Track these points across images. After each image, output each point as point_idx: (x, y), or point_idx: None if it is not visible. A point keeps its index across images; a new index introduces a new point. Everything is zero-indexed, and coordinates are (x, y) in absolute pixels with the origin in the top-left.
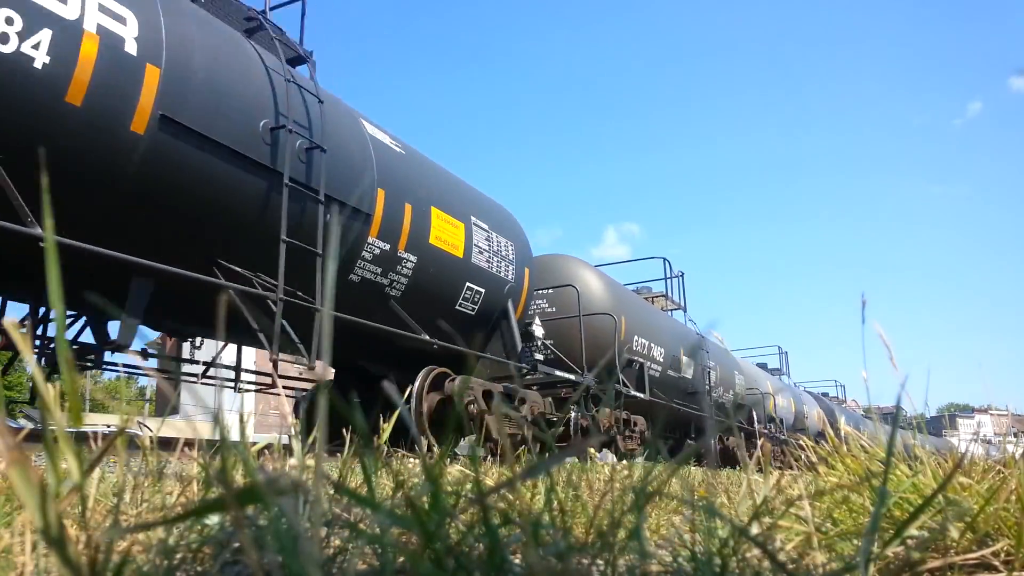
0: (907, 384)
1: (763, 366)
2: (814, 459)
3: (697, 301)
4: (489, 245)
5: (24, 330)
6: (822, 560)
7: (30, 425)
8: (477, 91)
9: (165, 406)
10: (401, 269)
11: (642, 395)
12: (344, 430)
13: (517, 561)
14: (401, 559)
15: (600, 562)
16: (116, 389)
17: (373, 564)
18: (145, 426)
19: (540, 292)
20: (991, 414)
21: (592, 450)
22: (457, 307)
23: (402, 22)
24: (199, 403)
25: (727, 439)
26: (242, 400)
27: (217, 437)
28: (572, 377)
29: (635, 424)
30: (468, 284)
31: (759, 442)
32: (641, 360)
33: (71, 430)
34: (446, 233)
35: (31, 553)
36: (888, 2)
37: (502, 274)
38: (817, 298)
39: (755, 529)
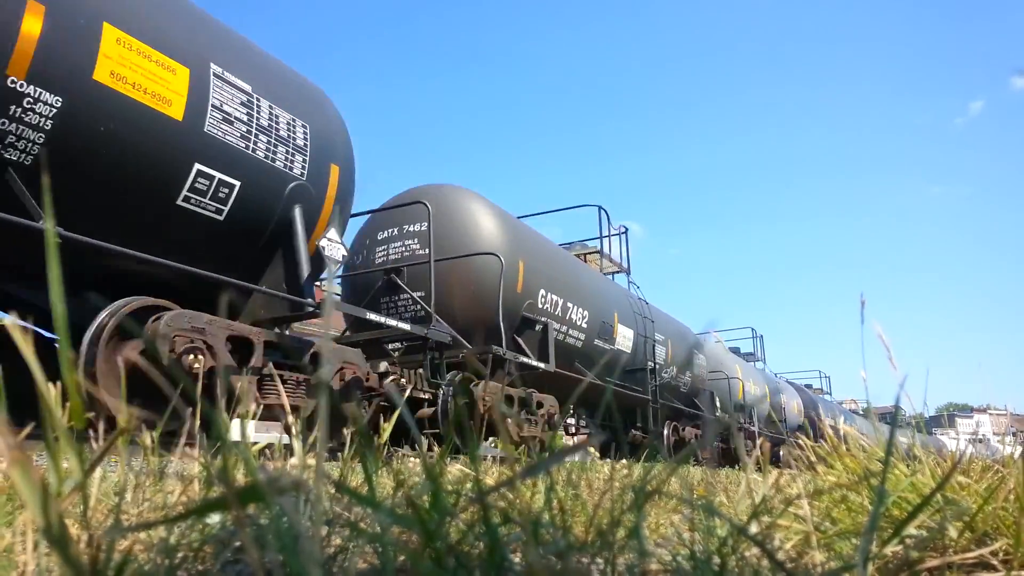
0: (906, 383)
1: (735, 350)
2: (812, 458)
3: (694, 298)
4: (252, 117)
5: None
6: (821, 559)
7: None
8: (482, 91)
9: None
10: (23, 115)
11: (544, 365)
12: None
13: (517, 560)
14: (402, 558)
15: (600, 561)
16: None
17: (374, 563)
18: (147, 425)
19: (408, 228)
20: (990, 414)
21: (593, 449)
22: (182, 203)
23: (406, 25)
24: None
25: (682, 429)
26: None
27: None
28: (403, 326)
29: (539, 404)
30: (200, 167)
31: (759, 440)
32: (547, 321)
33: (72, 429)
34: (141, 73)
35: (33, 552)
36: (889, 2)
37: (279, 164)
38: (818, 297)
39: (754, 528)
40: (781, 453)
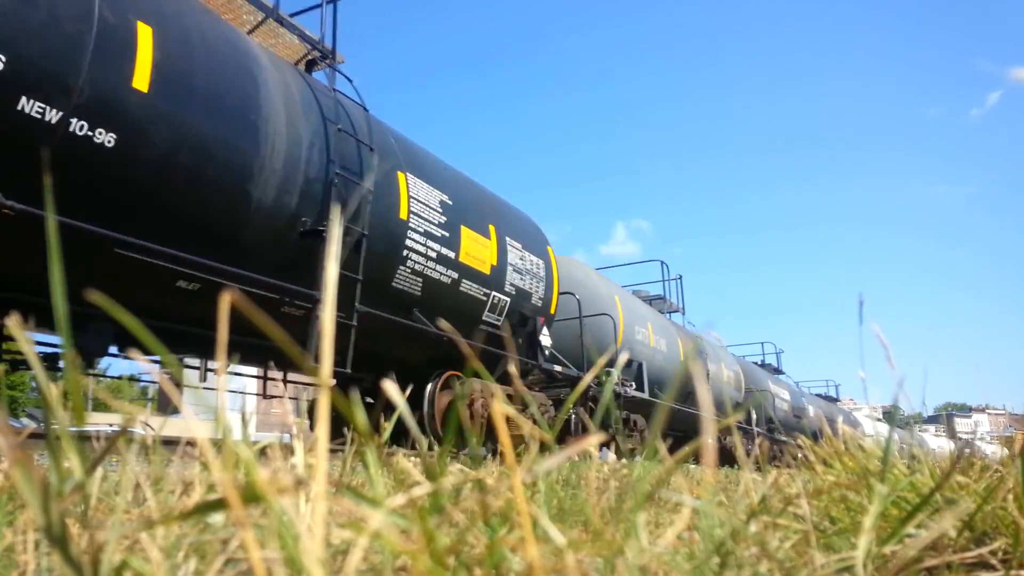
0: (904, 383)
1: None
2: (811, 457)
3: (694, 299)
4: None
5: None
6: (820, 559)
7: (33, 425)
8: (495, 87)
9: (167, 406)
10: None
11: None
12: (345, 429)
13: (517, 559)
14: (402, 557)
15: (599, 559)
16: (119, 388)
17: (373, 562)
18: (148, 426)
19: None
20: (988, 413)
21: (593, 450)
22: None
23: (413, 28)
24: (200, 402)
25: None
26: (243, 399)
27: (219, 436)
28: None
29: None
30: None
31: (758, 441)
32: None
33: (74, 429)
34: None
35: (34, 552)
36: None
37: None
38: (819, 299)
39: (753, 527)
40: (798, 455)
